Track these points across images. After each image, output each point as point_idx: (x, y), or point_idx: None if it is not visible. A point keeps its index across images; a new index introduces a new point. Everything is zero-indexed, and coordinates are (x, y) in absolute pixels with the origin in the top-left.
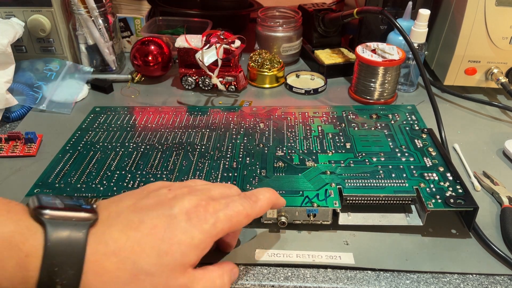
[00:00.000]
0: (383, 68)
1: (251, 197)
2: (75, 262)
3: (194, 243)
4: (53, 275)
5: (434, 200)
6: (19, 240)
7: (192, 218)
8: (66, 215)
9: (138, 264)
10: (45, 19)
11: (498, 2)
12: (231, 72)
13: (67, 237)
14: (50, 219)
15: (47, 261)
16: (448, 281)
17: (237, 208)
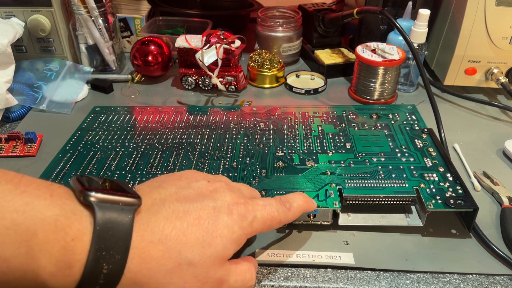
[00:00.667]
0: (383, 68)
1: (285, 204)
2: (122, 247)
3: (234, 237)
4: (101, 259)
5: (434, 200)
6: (65, 224)
7: (234, 213)
8: (114, 199)
9: (183, 253)
10: (45, 19)
11: (498, 2)
12: (231, 72)
13: (115, 221)
14: (98, 202)
15: (95, 245)
16: (448, 281)
17: (273, 212)
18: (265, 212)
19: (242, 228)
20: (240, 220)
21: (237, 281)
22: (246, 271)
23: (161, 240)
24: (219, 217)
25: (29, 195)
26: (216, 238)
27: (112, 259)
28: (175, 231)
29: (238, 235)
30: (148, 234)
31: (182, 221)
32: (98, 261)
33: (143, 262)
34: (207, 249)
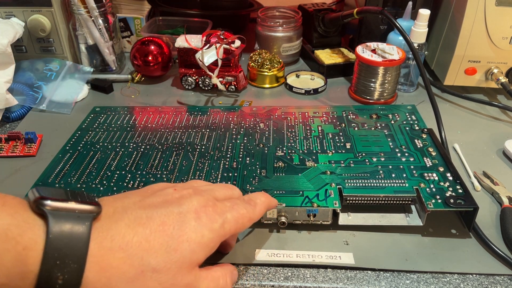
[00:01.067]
0: (383, 68)
1: (250, 202)
2: (78, 256)
3: (204, 241)
4: (55, 269)
5: (434, 200)
6: (16, 233)
7: (202, 217)
8: (69, 207)
9: (146, 260)
10: (45, 19)
11: (498, 2)
12: (231, 72)
13: (70, 229)
14: (52, 210)
15: (48, 255)
16: (448, 281)
17: (242, 211)
18: (234, 212)
19: (213, 231)
20: (210, 223)
21: (209, 286)
22: (220, 277)
23: (121, 247)
24: (186, 222)
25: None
26: (183, 243)
27: (67, 268)
28: (137, 237)
29: (208, 238)
30: (108, 242)
31: (145, 228)
32: (52, 271)
33: (101, 271)
34: (173, 255)
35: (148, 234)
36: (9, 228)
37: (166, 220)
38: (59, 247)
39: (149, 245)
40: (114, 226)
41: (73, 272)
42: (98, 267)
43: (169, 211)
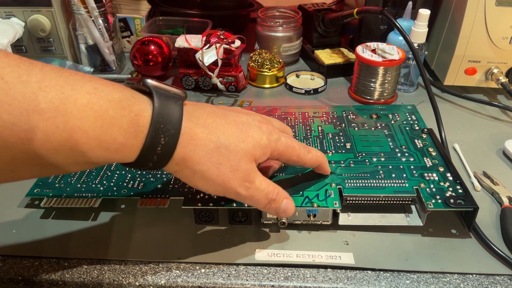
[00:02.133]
0: (383, 68)
1: (306, 147)
2: (175, 123)
3: (262, 143)
4: (159, 131)
5: (434, 200)
6: (128, 104)
7: (263, 127)
8: (166, 87)
9: (222, 139)
10: (45, 19)
11: (498, 2)
12: (231, 72)
13: (168, 103)
14: (155, 87)
15: (154, 119)
16: (448, 281)
17: (295, 144)
18: (289, 140)
19: (269, 140)
20: (268, 133)
21: (261, 183)
22: (271, 184)
23: (204, 125)
24: (251, 126)
25: (96, 83)
26: (248, 137)
27: (168, 132)
28: (215, 123)
29: (264, 143)
30: (195, 119)
31: (221, 119)
32: (157, 132)
33: (190, 139)
34: (241, 143)
35: (224, 123)
36: (122, 100)
37: (237, 119)
38: (162, 115)
39: (224, 130)
40: (198, 111)
41: (172, 136)
42: (188, 135)
43: (240, 116)
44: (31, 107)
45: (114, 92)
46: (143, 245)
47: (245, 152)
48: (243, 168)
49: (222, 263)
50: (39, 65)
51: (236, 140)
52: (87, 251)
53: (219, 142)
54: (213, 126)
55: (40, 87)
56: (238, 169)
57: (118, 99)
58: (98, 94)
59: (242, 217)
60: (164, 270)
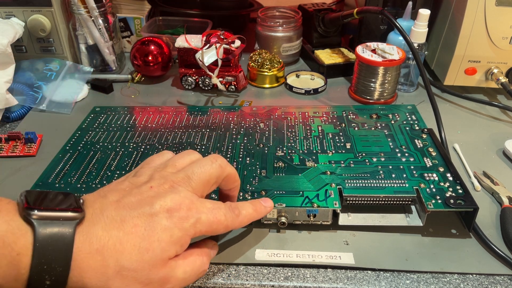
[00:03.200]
0: (383, 68)
1: (234, 210)
2: (63, 260)
3: (173, 239)
4: (42, 272)
5: (434, 200)
6: (11, 240)
7: (174, 216)
8: (54, 215)
9: (120, 261)
10: (45, 19)
11: (498, 2)
12: (231, 72)
13: (55, 236)
14: (38, 219)
15: (36, 260)
16: (448, 281)
17: (220, 217)
18: (211, 215)
19: (183, 230)
20: (181, 222)
21: (186, 272)
22: (196, 259)
23: (98, 250)
24: (156, 222)
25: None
26: (154, 242)
27: (54, 271)
28: (112, 240)
29: (177, 236)
30: (87, 246)
31: (119, 230)
32: (40, 274)
33: (82, 272)
34: (145, 255)
35: (122, 236)
36: (6, 235)
37: (138, 222)
38: (45, 253)
39: (122, 247)
40: (92, 229)
41: (59, 274)
42: (79, 269)
43: (141, 213)
44: None
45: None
46: None
47: (152, 262)
48: (156, 278)
49: (222, 263)
50: None
51: (139, 255)
52: None
53: (118, 266)
54: (109, 247)
55: None
56: (151, 282)
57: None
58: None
59: None
60: None
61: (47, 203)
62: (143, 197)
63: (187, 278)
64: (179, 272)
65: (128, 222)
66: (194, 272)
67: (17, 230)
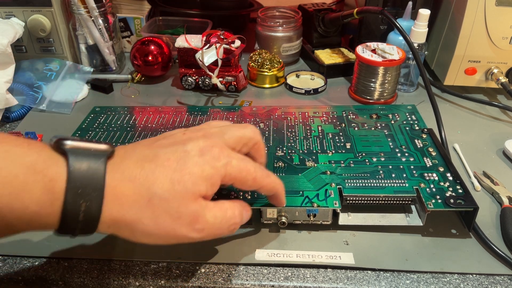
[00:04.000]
0: (383, 68)
1: (265, 170)
2: (97, 185)
3: (204, 175)
4: (77, 197)
5: (434, 200)
6: (43, 167)
7: (206, 154)
8: (86, 146)
9: (152, 189)
10: (45, 19)
11: (498, 2)
12: (231, 72)
13: (87, 164)
14: (71, 148)
15: (71, 184)
16: (448, 281)
17: (250, 167)
18: (241, 162)
19: (214, 168)
20: (213, 161)
21: (216, 217)
22: (228, 208)
23: (130, 179)
24: (189, 157)
25: (8, 144)
26: (185, 175)
27: (89, 196)
28: (144, 171)
29: (209, 173)
30: (119, 175)
31: (151, 163)
32: (75, 199)
33: (116, 199)
34: (176, 186)
35: (154, 168)
36: (37, 163)
37: (170, 157)
38: (79, 179)
39: (154, 177)
40: (125, 162)
41: (94, 199)
42: (113, 196)
43: (175, 149)
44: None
45: (27, 155)
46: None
47: (183, 194)
48: (186, 212)
49: (222, 263)
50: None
51: (170, 184)
52: (87, 251)
53: (150, 193)
54: (141, 176)
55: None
56: (181, 216)
57: (31, 163)
58: (9, 158)
59: None
60: (164, 270)
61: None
62: (176, 140)
63: (216, 224)
64: (209, 215)
65: (161, 156)
66: (225, 221)
67: (47, 159)
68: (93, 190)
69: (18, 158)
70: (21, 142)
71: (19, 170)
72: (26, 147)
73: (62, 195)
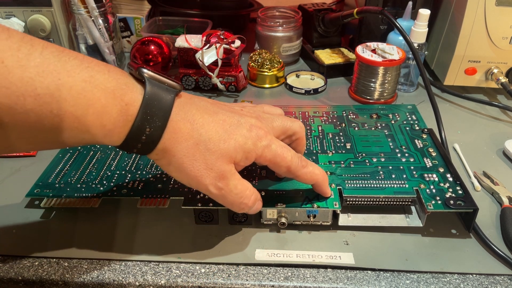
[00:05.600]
0: (383, 68)
1: (302, 161)
2: (162, 116)
3: (245, 147)
4: (145, 122)
5: (434, 201)
6: (121, 93)
7: (252, 131)
8: (161, 79)
9: (203, 136)
10: (45, 19)
11: (498, 2)
12: (231, 72)
13: (160, 95)
14: (149, 77)
15: (142, 109)
16: (448, 281)
17: (288, 155)
18: (280, 149)
19: (255, 145)
20: (257, 138)
21: (236, 187)
22: (249, 188)
23: (190, 120)
24: (240, 127)
25: (92, 70)
26: (231, 139)
27: (154, 124)
28: (202, 119)
29: (249, 147)
30: (182, 113)
31: (210, 116)
32: (143, 123)
33: (173, 133)
34: (221, 143)
35: (211, 121)
36: (116, 89)
37: (226, 119)
38: (151, 107)
39: (208, 128)
40: (189, 105)
41: (157, 128)
42: (172, 129)
43: (232, 115)
44: (27, 92)
45: (109, 81)
46: (143, 245)
47: (223, 153)
48: (218, 168)
49: (222, 263)
50: (40, 48)
51: (217, 140)
52: (87, 251)
53: (199, 139)
54: (198, 122)
55: (38, 72)
56: (213, 168)
57: (111, 88)
58: (93, 83)
59: (242, 217)
60: (164, 270)
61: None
62: (234, 110)
63: (233, 192)
64: (233, 181)
65: (220, 115)
66: (240, 196)
67: (124, 86)
68: (159, 120)
69: (101, 83)
70: (102, 69)
71: (101, 94)
72: (106, 73)
73: (133, 119)
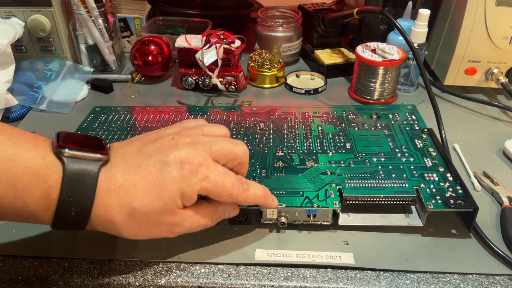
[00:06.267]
0: (383, 68)
1: (243, 185)
2: (87, 195)
3: (181, 193)
4: (69, 204)
5: (434, 200)
6: (45, 174)
7: (184, 167)
8: (82, 155)
9: (133, 204)
10: (45, 19)
11: (498, 2)
12: (231, 72)
13: (81, 173)
14: (68, 156)
15: (64, 193)
16: (448, 281)
17: (227, 183)
18: (219, 177)
19: (190, 185)
20: (190, 177)
21: (193, 223)
22: (206, 214)
23: (115, 190)
24: (168, 171)
25: (19, 146)
26: (164, 193)
27: (78, 204)
28: (127, 183)
29: (185, 191)
30: (106, 185)
31: (134, 175)
32: (67, 205)
33: (102, 209)
34: (155, 202)
35: (136, 180)
36: (41, 169)
37: (152, 170)
38: (73, 187)
39: (136, 191)
40: (112, 171)
41: (83, 207)
42: (100, 205)
43: (156, 160)
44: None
45: (34, 159)
46: (143, 245)
47: (162, 210)
48: (166, 223)
49: (222, 263)
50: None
51: (149, 201)
52: (87, 251)
53: (131, 208)
54: (124, 188)
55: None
56: (160, 224)
57: (36, 168)
58: (17, 161)
59: (242, 217)
60: (164, 270)
61: (77, 143)
62: (162, 146)
63: (193, 228)
64: (187, 222)
65: (144, 168)
66: (200, 227)
67: (50, 165)
68: (83, 199)
69: (25, 162)
70: (31, 145)
71: (25, 173)
72: (34, 150)
73: (56, 202)
